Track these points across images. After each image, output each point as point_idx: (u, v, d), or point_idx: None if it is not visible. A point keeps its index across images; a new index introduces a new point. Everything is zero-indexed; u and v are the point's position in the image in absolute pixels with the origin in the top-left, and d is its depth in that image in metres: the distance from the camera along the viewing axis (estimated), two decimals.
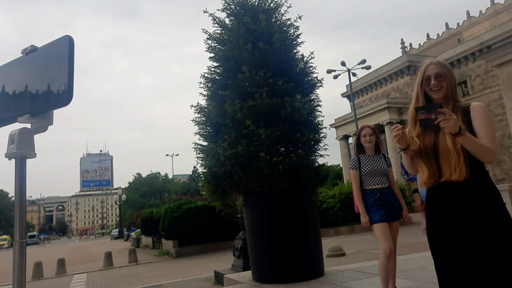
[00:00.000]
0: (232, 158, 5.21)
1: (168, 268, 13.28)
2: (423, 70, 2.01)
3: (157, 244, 22.01)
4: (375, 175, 3.51)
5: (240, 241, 7.78)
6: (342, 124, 44.75)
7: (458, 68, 40.99)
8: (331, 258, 9.54)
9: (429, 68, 1.98)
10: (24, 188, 1.56)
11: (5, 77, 1.66)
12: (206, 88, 6.07)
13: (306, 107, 5.48)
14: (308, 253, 5.29)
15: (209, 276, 8.54)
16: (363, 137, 3.62)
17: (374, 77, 45.69)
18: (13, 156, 1.53)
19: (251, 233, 5.56)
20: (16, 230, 1.52)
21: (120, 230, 46.87)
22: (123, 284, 10.46)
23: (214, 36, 6.13)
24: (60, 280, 12.88)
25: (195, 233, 17.21)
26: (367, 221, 3.38)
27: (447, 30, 49.33)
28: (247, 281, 5.52)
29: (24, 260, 1.52)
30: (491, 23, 43.35)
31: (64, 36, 1.50)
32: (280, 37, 5.75)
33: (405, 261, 5.81)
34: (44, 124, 1.55)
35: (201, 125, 6.01)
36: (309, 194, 5.56)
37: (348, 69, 27.62)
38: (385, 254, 3.26)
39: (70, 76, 1.44)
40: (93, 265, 16.69)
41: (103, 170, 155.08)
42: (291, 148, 5.58)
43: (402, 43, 48.31)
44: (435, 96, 1.95)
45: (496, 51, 14.33)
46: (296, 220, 5.25)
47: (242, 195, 5.81)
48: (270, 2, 6.18)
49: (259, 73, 5.40)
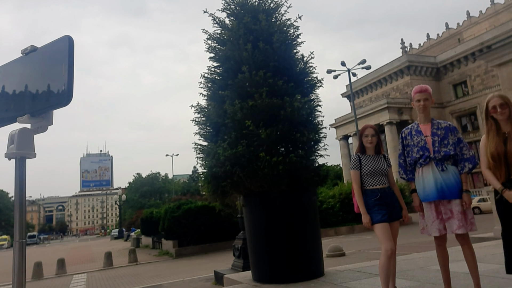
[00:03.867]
0: (232, 158, 5.21)
1: (168, 268, 13.28)
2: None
3: (157, 244, 22.01)
4: (376, 175, 3.50)
5: (240, 241, 7.78)
6: (342, 124, 44.74)
7: (458, 68, 40.99)
8: (331, 258, 9.54)
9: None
10: (24, 188, 1.56)
11: (5, 77, 1.65)
12: (206, 88, 6.07)
13: (306, 107, 5.48)
14: (308, 253, 5.29)
15: (209, 276, 8.55)
16: (365, 137, 3.61)
17: (374, 77, 45.69)
18: (13, 156, 1.53)
19: (251, 233, 5.56)
20: (16, 230, 1.52)
21: (120, 230, 46.86)
22: (123, 284, 10.46)
23: (214, 36, 6.13)
24: (60, 280, 12.87)
25: (195, 233, 17.21)
26: (368, 221, 3.38)
27: (447, 30, 49.31)
28: (247, 281, 5.52)
29: (24, 260, 1.51)
30: (491, 23, 43.33)
31: (64, 36, 1.50)
32: (280, 37, 5.75)
33: (405, 261, 5.81)
34: (44, 124, 1.55)
35: (201, 125, 6.00)
36: (309, 194, 5.55)
37: (348, 69, 27.61)
38: (386, 254, 3.26)
39: (70, 76, 1.44)
40: (93, 265, 16.69)
41: (103, 170, 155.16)
42: (291, 148, 5.58)
43: (402, 43, 48.30)
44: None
45: (496, 51, 14.32)
46: (296, 220, 5.25)
47: (242, 195, 5.80)
48: (270, 2, 6.18)
49: (259, 73, 5.39)
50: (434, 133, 3.39)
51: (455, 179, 3.27)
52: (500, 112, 3.03)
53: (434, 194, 3.27)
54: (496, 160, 2.98)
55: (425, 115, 3.48)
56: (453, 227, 3.22)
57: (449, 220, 3.25)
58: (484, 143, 3.11)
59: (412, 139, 3.48)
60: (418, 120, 3.55)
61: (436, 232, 3.30)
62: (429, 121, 3.47)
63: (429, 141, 3.38)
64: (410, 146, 3.49)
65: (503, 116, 3.03)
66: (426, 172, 3.34)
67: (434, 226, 3.31)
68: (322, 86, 6.02)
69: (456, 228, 3.20)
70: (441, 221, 3.29)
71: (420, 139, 3.41)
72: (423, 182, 3.35)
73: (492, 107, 3.06)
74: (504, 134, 3.01)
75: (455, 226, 3.21)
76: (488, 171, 3.06)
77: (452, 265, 3.60)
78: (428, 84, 27.24)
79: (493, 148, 3.00)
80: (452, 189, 3.24)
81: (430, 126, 3.43)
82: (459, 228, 3.18)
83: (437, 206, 3.31)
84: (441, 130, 3.38)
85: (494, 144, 3.00)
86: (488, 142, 3.06)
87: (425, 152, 3.35)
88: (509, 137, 2.97)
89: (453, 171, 3.30)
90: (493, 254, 5.45)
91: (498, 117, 3.06)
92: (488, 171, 3.06)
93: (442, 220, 3.29)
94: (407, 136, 3.54)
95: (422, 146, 3.39)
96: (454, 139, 3.36)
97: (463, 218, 3.20)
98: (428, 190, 3.31)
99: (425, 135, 3.41)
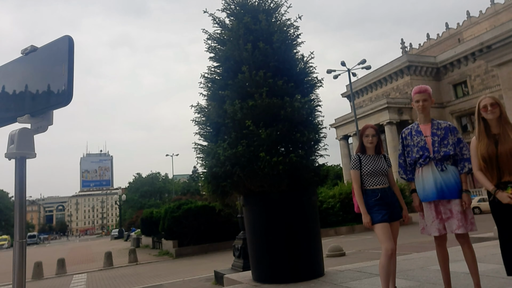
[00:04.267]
0: (232, 158, 5.21)
1: (168, 268, 13.28)
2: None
3: (157, 244, 22.01)
4: (376, 175, 3.50)
5: (240, 241, 7.78)
6: (342, 124, 44.74)
7: (458, 68, 40.98)
8: (331, 258, 9.54)
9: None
10: (24, 188, 1.56)
11: (5, 77, 1.65)
12: (206, 88, 6.07)
13: (306, 107, 5.48)
14: (308, 253, 5.28)
15: (209, 276, 8.55)
16: (366, 137, 3.61)
17: (374, 77, 45.68)
18: (13, 156, 1.53)
19: (251, 233, 5.56)
20: (16, 230, 1.52)
21: (120, 230, 46.86)
22: (123, 284, 10.46)
23: (214, 36, 6.13)
24: (60, 280, 12.88)
25: (195, 233, 17.21)
26: (368, 221, 3.38)
27: (447, 30, 49.31)
28: (247, 281, 5.52)
29: (24, 260, 1.52)
30: (491, 23, 43.33)
31: (64, 36, 1.50)
32: (280, 37, 5.75)
33: (405, 261, 5.81)
34: (44, 124, 1.55)
35: (201, 125, 6.00)
36: (309, 194, 5.55)
37: (348, 69, 27.61)
38: (386, 255, 3.26)
39: (70, 76, 1.44)
40: (93, 265, 16.69)
41: (103, 170, 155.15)
42: (291, 148, 5.58)
43: (402, 43, 48.30)
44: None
45: (496, 51, 14.33)
46: (296, 220, 5.25)
47: (242, 195, 5.80)
48: (270, 2, 6.18)
49: (259, 73, 5.40)
50: (434, 133, 3.39)
51: (455, 179, 3.27)
52: (491, 111, 3.03)
53: (434, 194, 3.28)
54: (487, 162, 2.98)
55: (425, 116, 3.48)
56: (453, 226, 3.22)
57: (449, 220, 3.25)
58: (475, 145, 3.12)
59: (412, 139, 3.48)
60: (418, 120, 3.56)
61: (435, 232, 3.30)
62: (429, 121, 3.48)
63: (429, 141, 3.38)
64: (410, 146, 3.49)
65: (493, 115, 3.03)
66: (425, 172, 3.35)
67: (433, 226, 3.31)
68: (322, 86, 6.03)
69: (455, 228, 3.20)
70: (441, 221, 3.30)
71: (420, 139, 3.42)
72: (423, 182, 3.36)
73: (483, 106, 3.07)
74: (494, 136, 3.01)
75: (454, 225, 3.21)
76: (480, 172, 3.07)
77: (452, 265, 3.60)
78: (428, 84, 27.11)
79: (484, 150, 3.00)
80: (451, 189, 3.25)
81: (430, 126, 3.44)
82: (459, 228, 3.18)
83: (437, 206, 3.31)
84: (441, 130, 3.39)
85: (485, 146, 3.01)
86: (479, 144, 3.07)
87: (425, 152, 3.36)
88: (499, 139, 2.97)
89: (453, 171, 3.30)
90: (493, 254, 5.45)
91: (488, 116, 3.05)
92: (480, 173, 3.07)
93: (441, 220, 3.29)
94: (407, 136, 3.55)
95: (422, 146, 3.39)
96: (454, 139, 3.36)
97: (463, 218, 3.21)
98: (428, 190, 3.32)
99: (425, 135, 3.42)
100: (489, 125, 3.07)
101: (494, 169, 2.96)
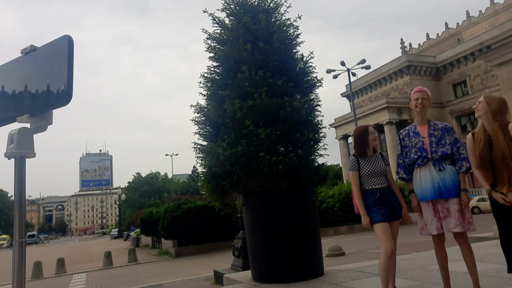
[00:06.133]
0: (232, 158, 5.21)
1: (167, 267, 13.29)
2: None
3: (157, 243, 22.01)
4: (374, 175, 3.51)
5: (240, 240, 7.78)
6: (342, 124, 44.76)
7: (457, 68, 41.01)
8: (331, 257, 9.55)
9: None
10: (24, 188, 1.56)
11: (5, 76, 1.65)
12: (206, 88, 6.07)
13: (305, 106, 5.48)
14: (308, 253, 5.29)
15: (209, 275, 8.55)
16: (371, 134, 3.67)
17: (374, 77, 45.69)
18: (12, 155, 1.53)
19: (251, 232, 5.56)
20: (15, 230, 1.52)
21: (120, 230, 46.86)
22: (123, 284, 10.46)
23: (214, 36, 6.13)
24: (60, 280, 12.88)
25: (194, 232, 17.22)
26: (368, 222, 3.38)
27: (446, 30, 49.32)
28: (247, 281, 5.53)
29: (24, 260, 1.52)
30: (490, 23, 43.35)
31: (63, 35, 1.50)
32: (280, 37, 5.75)
33: (404, 261, 5.82)
34: (44, 124, 1.55)
35: (200, 125, 6.00)
36: (309, 194, 5.55)
37: (347, 69, 27.61)
38: (386, 254, 3.26)
39: (70, 76, 1.44)
40: (93, 265, 16.69)
41: (102, 169, 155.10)
42: (291, 147, 5.58)
43: (402, 43, 48.30)
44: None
45: (496, 51, 14.32)
46: (295, 219, 5.25)
47: (241, 195, 5.80)
48: (270, 2, 6.18)
49: (258, 73, 5.40)
50: (431, 134, 3.42)
51: (453, 178, 3.28)
52: (475, 108, 3.14)
53: (432, 193, 3.29)
54: (483, 163, 3.03)
55: (422, 117, 3.53)
56: (450, 225, 3.23)
57: (446, 218, 3.26)
58: (471, 143, 3.16)
59: (410, 140, 3.50)
60: (416, 121, 3.59)
61: (434, 230, 3.31)
62: (426, 122, 3.52)
63: (426, 142, 3.41)
64: (408, 147, 3.52)
65: (477, 113, 3.13)
66: (423, 172, 3.36)
67: (432, 224, 3.32)
68: (321, 86, 6.03)
69: (453, 227, 3.21)
70: (439, 220, 3.30)
71: (418, 140, 3.44)
72: (421, 182, 3.37)
73: (474, 108, 3.17)
74: (489, 136, 3.04)
75: (452, 224, 3.22)
76: (478, 171, 3.11)
77: (451, 264, 3.61)
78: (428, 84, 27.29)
79: (479, 151, 3.05)
80: (449, 188, 3.26)
81: (427, 128, 3.47)
82: (456, 226, 3.19)
83: (435, 205, 3.32)
84: (438, 131, 3.42)
85: (481, 147, 3.05)
86: (476, 143, 3.11)
87: (423, 153, 3.38)
88: (494, 142, 2.99)
89: (451, 170, 3.31)
90: (493, 254, 5.46)
91: (476, 114, 3.15)
92: (478, 171, 3.11)
93: (439, 218, 3.30)
94: (405, 138, 3.58)
95: (420, 147, 3.41)
96: (451, 139, 3.38)
97: (460, 216, 3.22)
98: (426, 189, 3.33)
99: (422, 136, 3.45)
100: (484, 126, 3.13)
101: (489, 170, 3.01)
